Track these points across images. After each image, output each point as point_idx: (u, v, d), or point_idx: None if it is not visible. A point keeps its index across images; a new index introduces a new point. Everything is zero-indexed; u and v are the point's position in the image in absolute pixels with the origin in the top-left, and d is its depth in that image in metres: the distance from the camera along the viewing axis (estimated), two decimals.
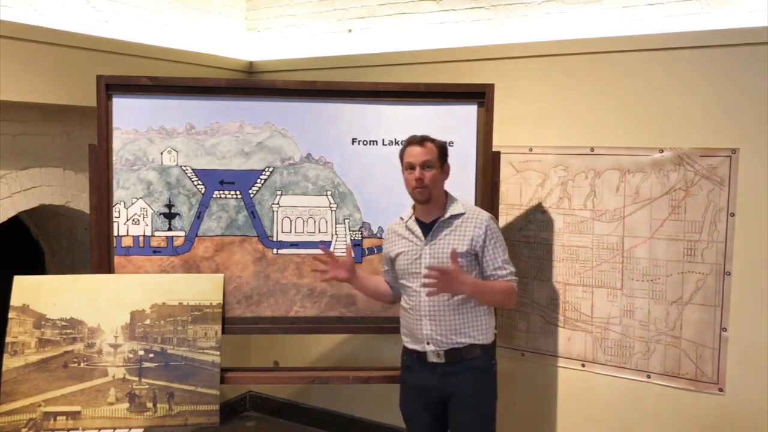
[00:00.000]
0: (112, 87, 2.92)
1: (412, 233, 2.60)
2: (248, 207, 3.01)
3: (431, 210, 2.59)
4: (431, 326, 2.52)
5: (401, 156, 2.60)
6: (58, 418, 2.69)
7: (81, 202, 3.46)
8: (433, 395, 2.59)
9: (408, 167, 2.55)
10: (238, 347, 4.15)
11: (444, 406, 2.60)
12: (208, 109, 2.98)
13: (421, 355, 2.58)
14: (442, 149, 2.58)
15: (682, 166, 3.03)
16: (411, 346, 2.62)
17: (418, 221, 2.61)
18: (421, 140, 2.56)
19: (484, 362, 2.58)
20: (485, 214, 2.60)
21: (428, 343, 2.55)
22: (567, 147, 3.29)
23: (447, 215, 2.57)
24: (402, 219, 2.67)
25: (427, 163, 2.52)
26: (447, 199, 2.62)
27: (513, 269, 2.58)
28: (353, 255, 2.73)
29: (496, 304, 2.66)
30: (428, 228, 2.58)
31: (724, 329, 2.99)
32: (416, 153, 2.53)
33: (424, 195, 2.53)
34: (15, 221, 3.35)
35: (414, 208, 2.65)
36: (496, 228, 2.58)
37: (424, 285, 2.41)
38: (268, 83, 3.21)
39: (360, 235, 3.05)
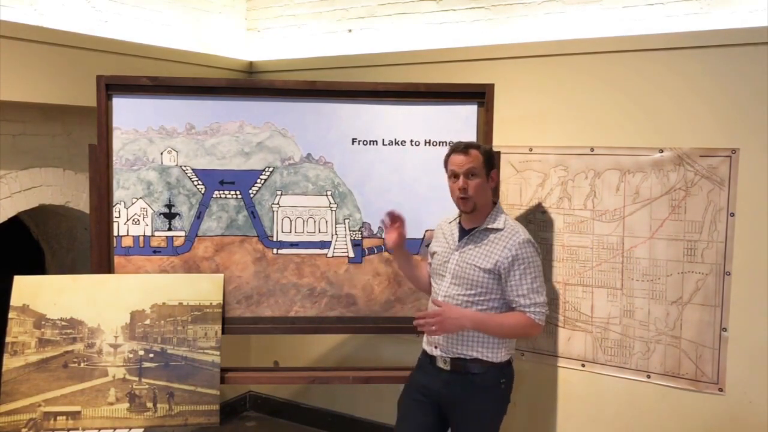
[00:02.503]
0: (112, 87, 2.92)
1: (452, 236, 2.57)
2: (248, 207, 3.01)
3: (473, 218, 2.50)
4: None
5: (445, 163, 2.52)
6: (58, 418, 2.69)
7: (81, 202, 3.46)
8: (434, 398, 2.58)
9: (452, 175, 2.47)
10: (238, 347, 4.15)
11: (440, 413, 2.58)
12: (208, 109, 2.98)
13: (433, 358, 2.57)
14: (488, 156, 2.46)
15: (682, 166, 3.03)
16: (425, 346, 2.62)
17: (460, 225, 2.57)
18: (465, 148, 2.45)
19: (489, 381, 2.50)
20: (521, 237, 2.43)
21: (436, 347, 2.54)
22: (567, 147, 3.29)
23: (483, 226, 2.48)
24: (452, 219, 2.63)
25: (471, 171, 2.42)
26: (493, 209, 2.51)
27: (540, 300, 2.42)
28: (405, 235, 2.69)
29: (509, 337, 2.50)
30: (466, 234, 2.53)
31: (724, 329, 2.99)
32: (460, 161, 2.43)
33: (468, 205, 2.45)
34: (15, 221, 3.35)
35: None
36: (528, 253, 2.42)
37: (416, 327, 2.40)
38: (268, 83, 3.21)
39: (360, 235, 3.05)
